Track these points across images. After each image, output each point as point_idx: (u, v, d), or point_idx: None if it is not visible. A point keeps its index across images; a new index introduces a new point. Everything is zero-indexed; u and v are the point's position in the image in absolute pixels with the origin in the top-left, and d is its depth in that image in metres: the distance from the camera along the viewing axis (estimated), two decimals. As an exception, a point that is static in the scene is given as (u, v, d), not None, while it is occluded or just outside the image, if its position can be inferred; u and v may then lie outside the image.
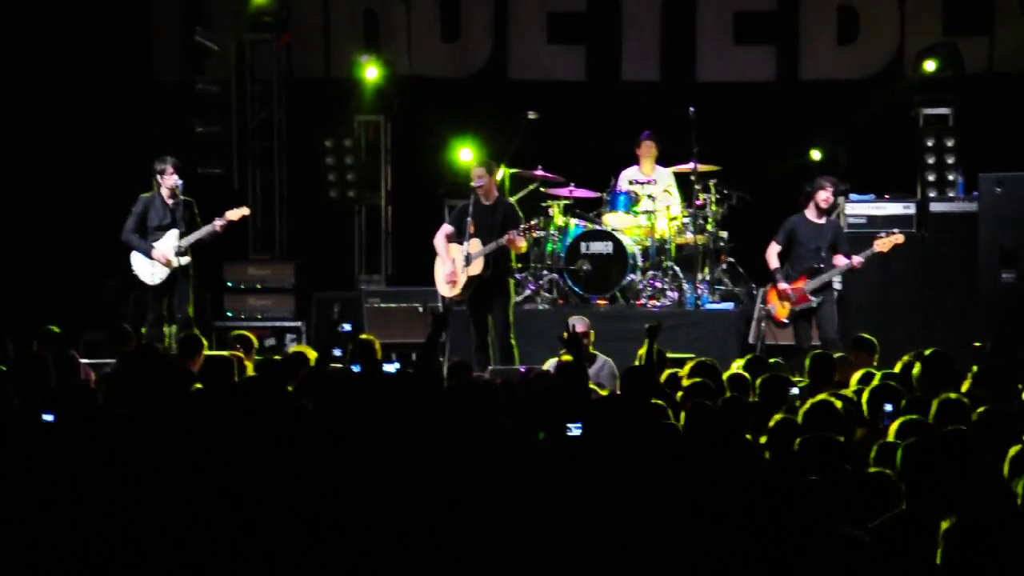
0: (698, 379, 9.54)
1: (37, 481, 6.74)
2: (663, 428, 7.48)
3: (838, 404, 8.23)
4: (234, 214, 14.43)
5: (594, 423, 7.46)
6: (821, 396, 8.58)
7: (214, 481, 6.66)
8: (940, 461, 6.68)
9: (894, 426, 7.65)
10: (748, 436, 7.89)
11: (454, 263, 14.15)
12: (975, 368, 9.60)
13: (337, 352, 10.06)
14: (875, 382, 9.39)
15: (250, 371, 10.64)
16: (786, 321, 14.42)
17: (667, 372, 9.87)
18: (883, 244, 14.36)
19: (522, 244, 14.25)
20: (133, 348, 11.80)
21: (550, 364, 12.22)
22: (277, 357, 11.23)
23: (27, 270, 16.97)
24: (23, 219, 17.23)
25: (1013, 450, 6.89)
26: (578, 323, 12.92)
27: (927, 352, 10.03)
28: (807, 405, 8.10)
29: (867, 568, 5.80)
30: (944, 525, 5.66)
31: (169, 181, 14.19)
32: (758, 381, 9.58)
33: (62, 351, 10.55)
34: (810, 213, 14.42)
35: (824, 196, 14.36)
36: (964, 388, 9.60)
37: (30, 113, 17.46)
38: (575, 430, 7.32)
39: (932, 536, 6.08)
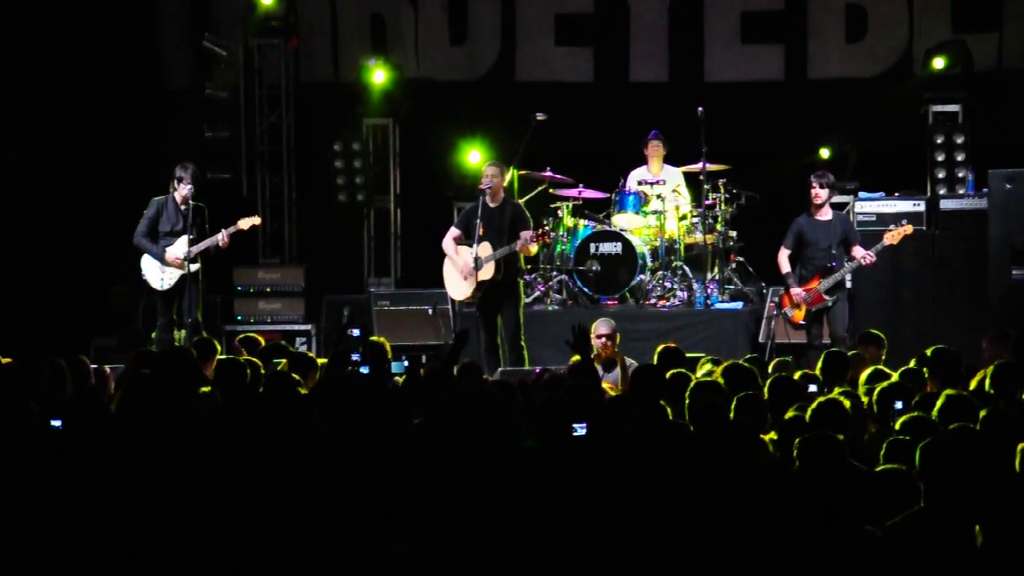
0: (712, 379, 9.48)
1: (46, 488, 6.74)
2: (673, 427, 7.46)
3: (846, 403, 8.22)
4: (245, 223, 14.40)
5: (600, 423, 7.44)
6: (831, 395, 8.58)
7: (227, 487, 6.66)
8: (959, 459, 6.65)
9: (899, 422, 7.66)
10: (763, 435, 7.88)
11: (464, 265, 14.12)
12: (992, 367, 9.57)
13: (355, 357, 10.03)
14: (894, 379, 9.41)
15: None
16: (804, 323, 14.36)
17: (672, 371, 9.81)
18: (893, 237, 14.30)
19: (534, 248, 14.22)
20: (148, 351, 11.76)
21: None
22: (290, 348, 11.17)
23: (37, 276, 17.00)
24: (33, 225, 17.26)
25: (1022, 445, 6.89)
26: (602, 325, 12.88)
27: (933, 349, 10.04)
28: (814, 404, 8.09)
29: (886, 566, 5.78)
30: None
31: (184, 190, 14.16)
32: (767, 382, 9.55)
33: (72, 356, 10.54)
34: (814, 212, 14.37)
35: (814, 193, 14.30)
36: (973, 386, 9.62)
37: (39, 120, 17.51)
38: (580, 430, 7.31)
39: (951, 534, 6.06)
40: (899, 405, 8.72)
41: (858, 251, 14.22)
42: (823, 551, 5.79)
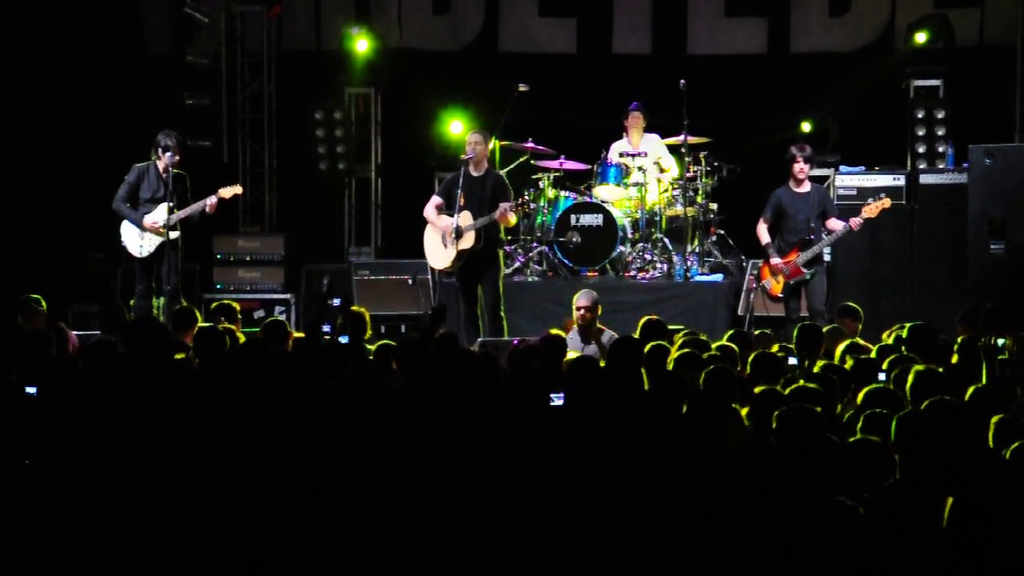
0: (687, 350, 9.53)
1: (21, 454, 6.73)
2: (647, 398, 7.48)
3: (814, 386, 8.26)
4: (226, 192, 14.32)
5: (578, 393, 7.45)
6: (811, 372, 8.62)
7: (207, 453, 6.65)
8: (934, 431, 6.68)
9: (861, 394, 7.70)
10: (737, 407, 7.91)
11: (447, 226, 14.05)
12: (959, 340, 9.64)
13: (326, 328, 10.07)
14: (873, 354, 9.45)
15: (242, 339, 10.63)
16: (781, 295, 14.40)
17: (652, 344, 9.83)
18: (871, 210, 14.33)
19: (512, 219, 14.18)
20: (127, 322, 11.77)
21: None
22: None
23: (14, 242, 16.93)
24: (10, 191, 17.18)
25: (995, 419, 6.93)
26: (582, 297, 12.90)
27: (911, 324, 10.08)
28: (797, 384, 8.12)
29: (863, 538, 5.80)
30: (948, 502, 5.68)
31: (167, 159, 14.05)
32: (750, 357, 9.57)
33: (51, 323, 10.54)
34: (793, 184, 14.40)
35: (798, 167, 14.33)
36: (954, 360, 9.66)
37: (18, 85, 17.40)
38: (557, 400, 7.32)
39: (927, 505, 6.09)
40: (882, 378, 8.76)
41: (833, 223, 14.25)
42: (798, 523, 5.81)
